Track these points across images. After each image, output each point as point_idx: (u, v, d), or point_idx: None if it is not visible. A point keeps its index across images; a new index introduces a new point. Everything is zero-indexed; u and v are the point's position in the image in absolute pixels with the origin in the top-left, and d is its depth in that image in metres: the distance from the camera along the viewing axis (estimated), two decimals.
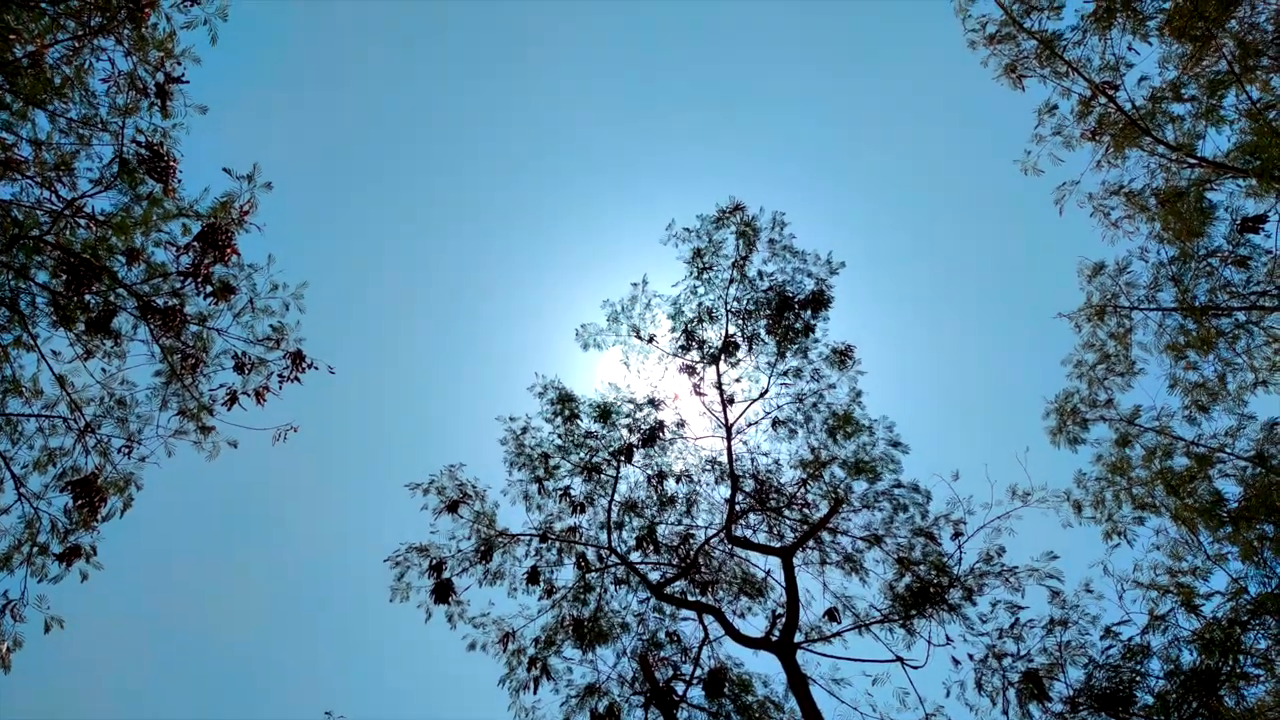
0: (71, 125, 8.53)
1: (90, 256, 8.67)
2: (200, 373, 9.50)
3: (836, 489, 10.00)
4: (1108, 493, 9.86)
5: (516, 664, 9.89)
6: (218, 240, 8.93)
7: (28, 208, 8.54)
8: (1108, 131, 9.99)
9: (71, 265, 8.63)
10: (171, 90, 8.70)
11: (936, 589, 9.24)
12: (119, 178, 8.55)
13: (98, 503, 9.18)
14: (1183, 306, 9.88)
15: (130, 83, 8.58)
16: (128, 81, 8.56)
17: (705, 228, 10.46)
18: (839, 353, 10.41)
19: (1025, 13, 9.62)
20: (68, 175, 8.58)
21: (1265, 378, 9.57)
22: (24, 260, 8.62)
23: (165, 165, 8.60)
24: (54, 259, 8.72)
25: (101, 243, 8.85)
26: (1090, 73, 9.75)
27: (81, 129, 8.57)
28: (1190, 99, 9.80)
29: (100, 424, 9.39)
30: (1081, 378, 10.30)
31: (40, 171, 8.45)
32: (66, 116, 8.49)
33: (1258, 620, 8.57)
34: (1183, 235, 9.83)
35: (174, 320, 9.18)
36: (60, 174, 8.55)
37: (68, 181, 8.58)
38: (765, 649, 9.16)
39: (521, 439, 10.53)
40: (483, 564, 10.22)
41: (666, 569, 10.23)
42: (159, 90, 8.64)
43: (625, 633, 9.97)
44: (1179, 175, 9.89)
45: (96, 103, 8.56)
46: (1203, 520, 9.18)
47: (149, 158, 8.55)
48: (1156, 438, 9.75)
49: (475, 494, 10.28)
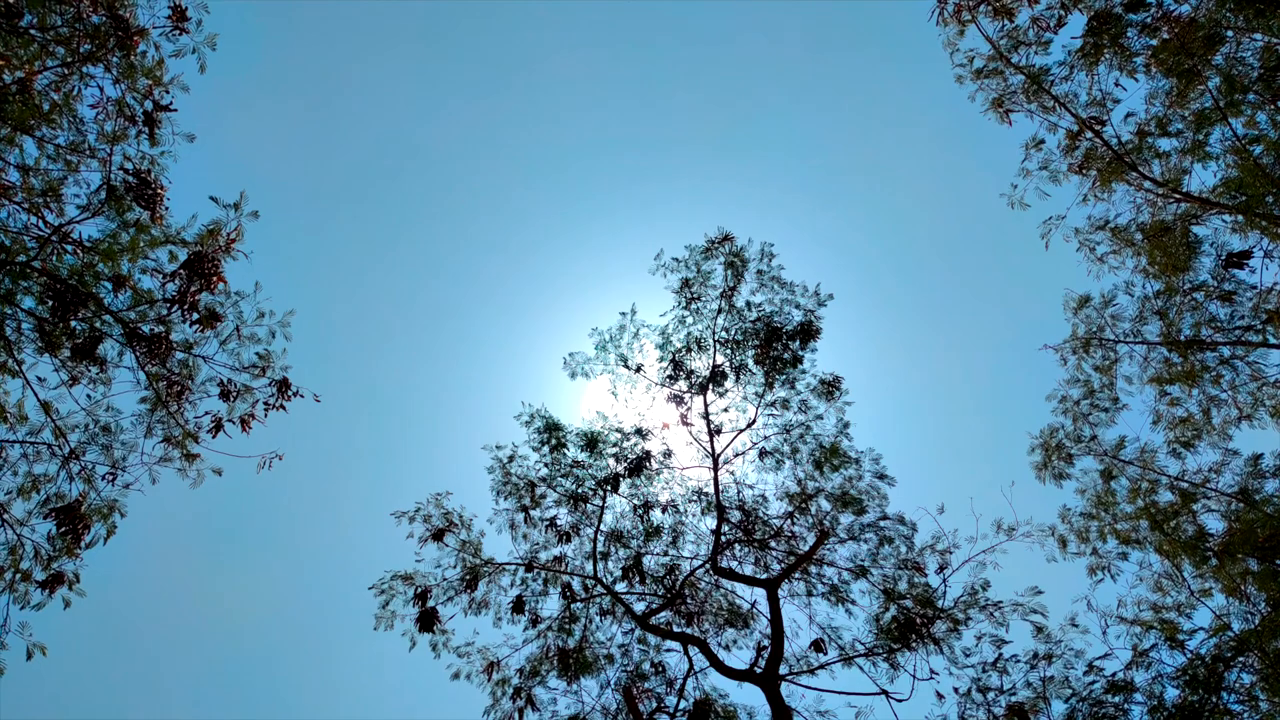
0: (59, 151, 8.54)
1: (77, 283, 8.66)
2: (185, 400, 9.49)
3: (822, 521, 10.00)
4: (1092, 527, 9.88)
5: (501, 694, 9.85)
6: (204, 268, 8.93)
7: (15, 233, 8.53)
8: (1094, 166, 10.05)
9: (58, 291, 8.63)
10: (159, 118, 8.72)
11: (922, 622, 9.25)
12: (106, 204, 8.56)
13: (81, 530, 9.15)
14: (1168, 340, 9.92)
15: (119, 110, 8.60)
16: (116, 109, 8.58)
17: (694, 258, 10.49)
18: (827, 384, 10.42)
19: (1013, 48, 9.69)
20: (55, 201, 8.59)
21: (1249, 413, 9.61)
22: (10, 286, 8.61)
23: (153, 192, 8.61)
24: (40, 284, 8.71)
25: (88, 269, 8.85)
26: (1077, 108, 9.82)
27: (69, 155, 8.58)
28: (1176, 134, 9.87)
29: (85, 450, 9.37)
30: (1066, 413, 10.34)
31: (28, 197, 8.45)
32: (54, 143, 8.50)
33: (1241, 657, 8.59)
34: (1168, 270, 9.88)
35: (160, 347, 9.17)
36: (48, 200, 8.55)
37: (55, 207, 8.58)
38: (750, 681, 9.14)
39: (508, 467, 10.52)
40: (468, 593, 10.19)
41: (652, 600, 10.21)
42: (147, 118, 8.66)
43: (610, 664, 9.95)
44: (1165, 210, 9.95)
45: (84, 129, 8.57)
46: (1186, 555, 9.20)
47: (136, 185, 8.56)
48: (1141, 472, 9.78)
49: (461, 522, 10.26)
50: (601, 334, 10.80)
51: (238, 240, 9.03)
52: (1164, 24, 9.70)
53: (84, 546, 9.12)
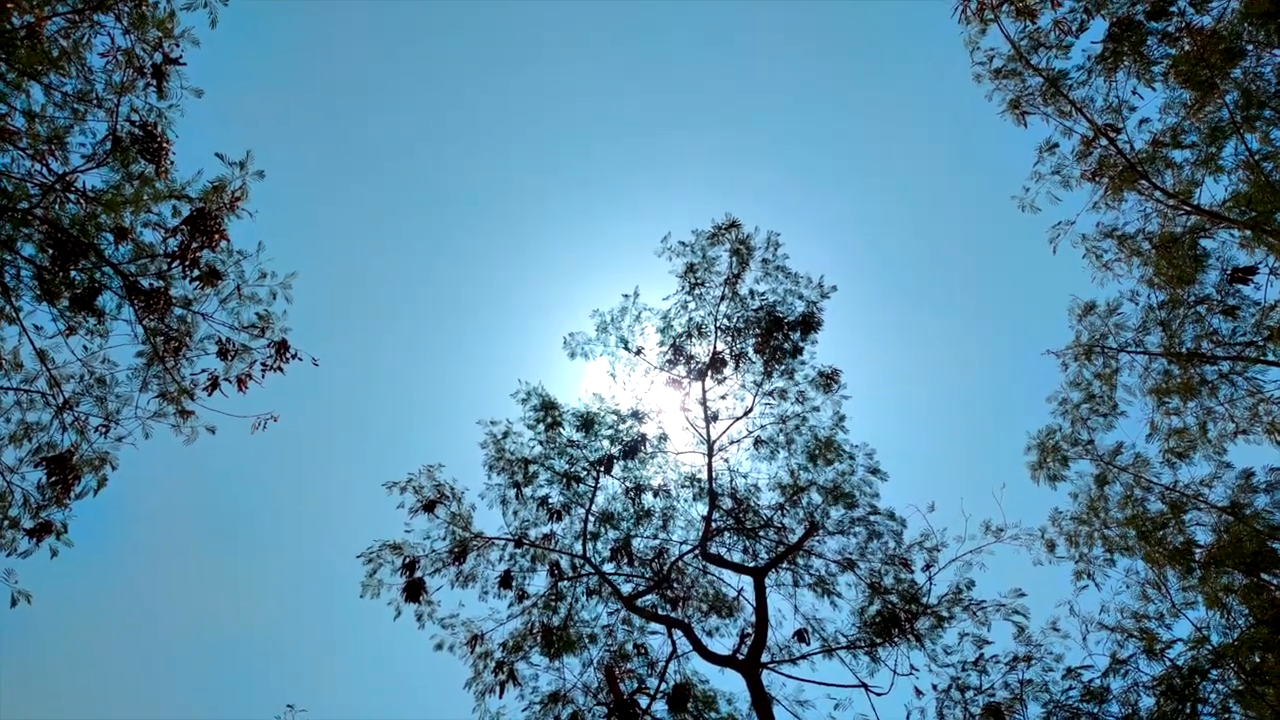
0: (66, 99, 8.45)
1: (78, 232, 8.60)
2: (183, 356, 9.45)
3: (813, 514, 10.01)
4: (1081, 532, 9.92)
5: (483, 667, 9.88)
6: (207, 225, 8.87)
7: (18, 179, 8.46)
8: (1107, 174, 10.01)
9: (59, 240, 8.57)
10: (168, 71, 8.61)
11: (906, 617, 9.28)
12: (111, 155, 8.48)
13: (71, 480, 9.14)
14: (1169, 352, 9.93)
15: (128, 60, 8.50)
16: (125, 59, 8.48)
17: (700, 243, 10.44)
18: (825, 376, 10.40)
19: (1033, 49, 9.62)
20: (60, 149, 8.50)
21: (1245, 428, 9.63)
22: (11, 232, 8.54)
23: (158, 145, 8.53)
24: (41, 232, 8.65)
25: (90, 219, 8.79)
26: (1093, 113, 9.76)
27: (76, 104, 8.49)
28: (1190, 146, 9.83)
29: (79, 401, 9.33)
30: (1065, 415, 10.35)
31: (33, 144, 8.37)
32: (62, 90, 8.40)
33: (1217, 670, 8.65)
34: (1174, 281, 9.87)
35: (159, 302, 9.12)
36: (52, 147, 8.47)
37: (60, 156, 8.50)
38: (732, 667, 9.17)
39: (502, 443, 10.50)
40: (456, 565, 10.19)
41: (639, 582, 10.23)
42: (156, 70, 8.56)
43: (593, 643, 9.98)
44: (1174, 221, 9.92)
45: (93, 78, 8.47)
46: (1173, 565, 9.25)
47: (142, 137, 8.48)
48: (1134, 480, 9.81)
49: (453, 495, 10.25)
50: (603, 315, 10.77)
51: (242, 199, 8.97)
52: (1185, 35, 9.64)
53: (74, 497, 9.10)
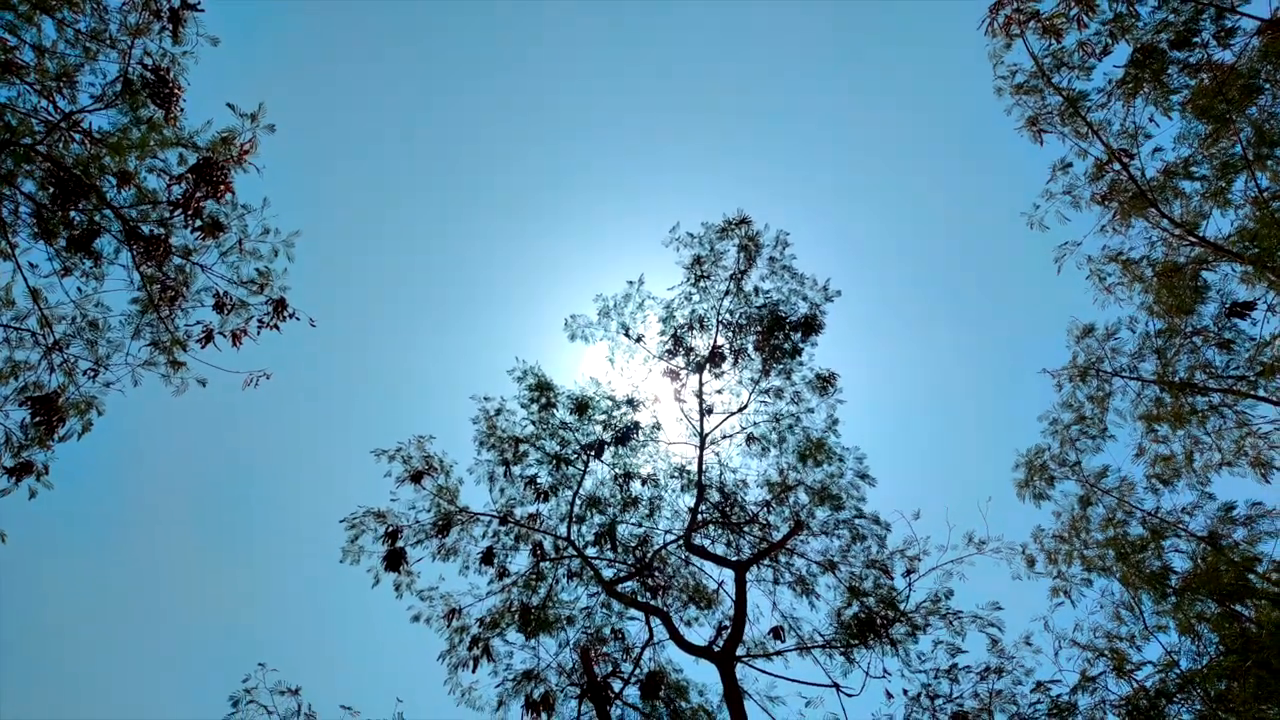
0: (79, 37, 8.29)
1: (81, 173, 8.47)
2: (178, 306, 9.34)
3: (799, 513, 10.06)
4: (1062, 550, 10.03)
5: (459, 641, 9.88)
6: (213, 175, 8.76)
7: (23, 114, 8.31)
8: (1117, 198, 10.06)
9: (60, 179, 8.44)
10: (185, 16, 8.47)
11: (882, 622, 9.35)
12: (121, 97, 8.34)
13: (56, 422, 9.03)
14: (1162, 380, 10.02)
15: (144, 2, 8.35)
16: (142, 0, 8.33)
17: (709, 235, 10.41)
18: (822, 379, 10.43)
19: (1055, 67, 9.64)
20: (68, 87, 8.35)
21: (1230, 460, 9.74)
22: (12, 167, 8.40)
23: (169, 91, 8.40)
24: (43, 170, 8.51)
25: (94, 161, 8.66)
26: (1109, 136, 9.81)
27: (89, 42, 8.34)
28: (1201, 178, 9.89)
29: (69, 343, 9.21)
30: (1055, 435, 10.44)
31: (40, 79, 8.22)
32: (75, 27, 8.25)
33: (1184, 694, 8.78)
34: (1173, 310, 9.95)
35: (158, 249, 9.00)
36: (61, 85, 8.32)
37: (67, 94, 8.35)
38: (707, 658, 9.21)
39: (494, 420, 10.47)
40: (439, 538, 10.17)
41: (621, 568, 10.25)
42: (172, 14, 8.42)
43: (571, 625, 10.00)
44: (1178, 251, 10.00)
45: (107, 17, 8.32)
46: (1148, 589, 9.37)
47: (154, 81, 8.34)
48: (1117, 503, 9.91)
49: (441, 468, 10.22)
50: (606, 300, 10.74)
51: (251, 152, 8.86)
52: (1206, 68, 9.68)
53: (57, 439, 9.00)
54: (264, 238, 9.16)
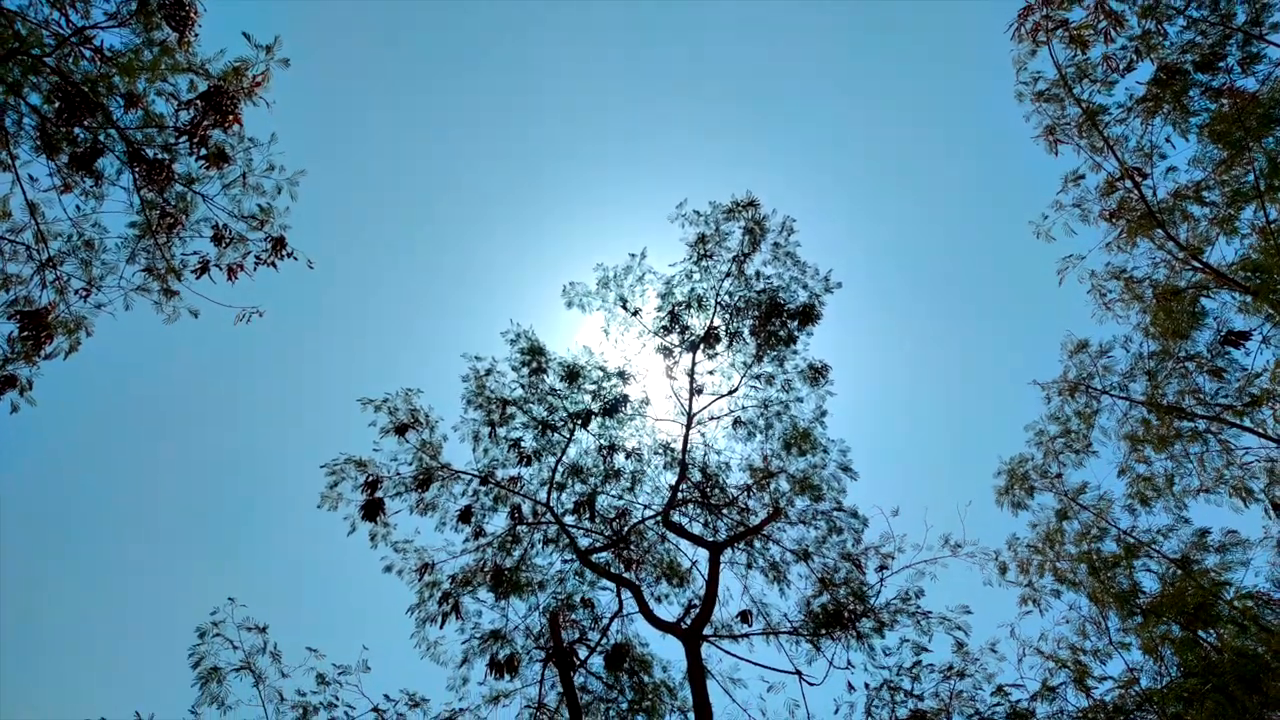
0: None
1: (89, 90, 8.36)
2: (176, 234, 9.26)
3: (778, 500, 10.08)
4: (1035, 561, 10.09)
5: (429, 596, 9.90)
6: (222, 104, 8.67)
7: (34, 24, 8.19)
8: (1125, 216, 10.05)
9: (67, 94, 8.33)
10: None
11: (850, 615, 9.40)
12: (135, 16, 8.23)
13: (44, 338, 8.97)
14: (1150, 402, 10.05)
15: None
16: None
17: (715, 215, 10.36)
18: (815, 369, 10.43)
19: (1078, 78, 9.59)
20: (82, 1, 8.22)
21: (1210, 486, 9.80)
22: (19, 77, 8.29)
23: (185, 14, 8.29)
24: (50, 83, 8.40)
25: (103, 79, 8.55)
26: (1124, 153, 9.78)
27: None
28: (1210, 203, 9.88)
29: (63, 261, 9.13)
30: (1039, 447, 10.48)
31: None
32: None
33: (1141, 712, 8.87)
34: (1168, 333, 9.97)
35: (161, 174, 8.92)
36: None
37: (81, 8, 8.22)
38: (674, 634, 9.25)
39: (484, 380, 10.43)
40: (418, 492, 10.16)
41: (597, 538, 10.27)
42: None
43: (542, 590, 10.03)
44: (1180, 274, 10.00)
45: None
46: (1116, 606, 9.43)
47: (170, 3, 8.22)
48: (1093, 519, 9.96)
49: (426, 422, 10.19)
50: (606, 270, 10.70)
51: (263, 85, 8.77)
52: (1228, 94, 9.65)
53: (43, 356, 8.94)
54: (269, 174, 9.09)
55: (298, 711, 8.33)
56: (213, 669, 8.34)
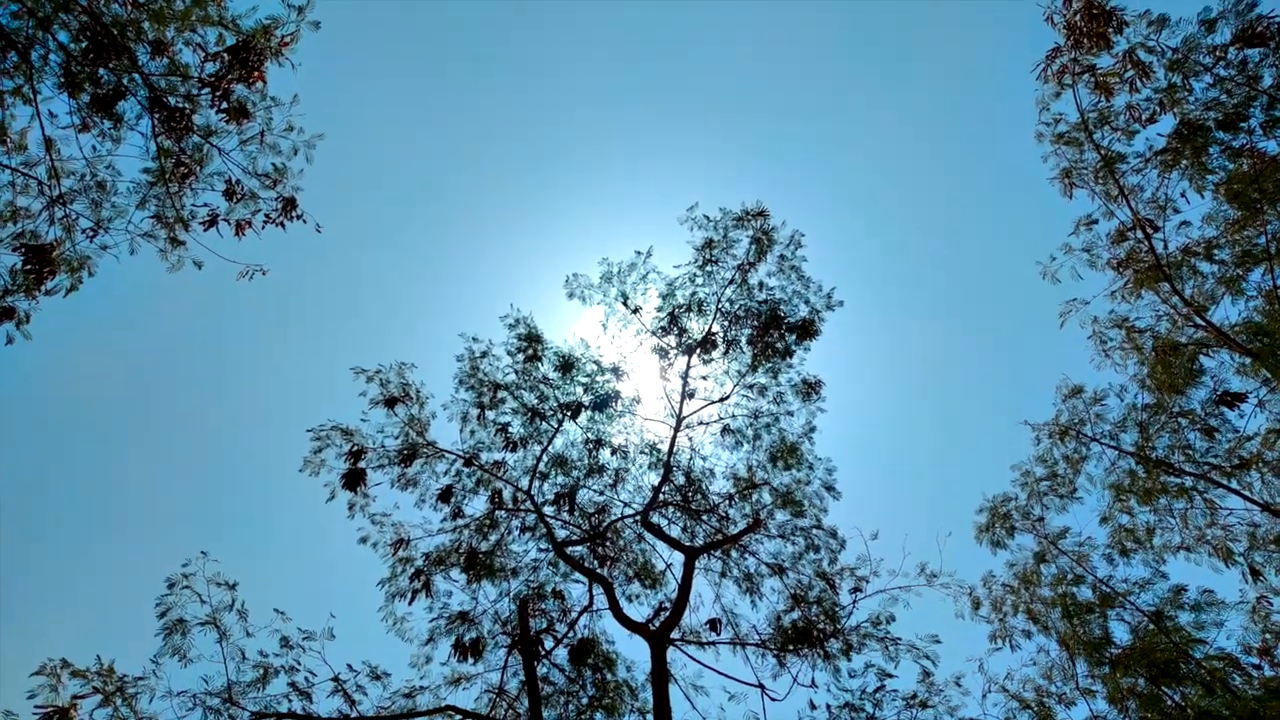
0: None
1: (117, 33, 8.40)
2: (188, 185, 9.30)
3: (759, 512, 10.07)
4: (1008, 600, 10.05)
5: (401, 571, 9.89)
6: (249, 60, 8.71)
7: None
8: (1133, 266, 10.05)
9: (95, 34, 8.37)
10: None
11: (819, 633, 9.37)
12: None
13: (46, 273, 8.99)
14: (1140, 454, 10.03)
15: None
16: None
17: (725, 221, 10.38)
18: (808, 384, 10.43)
19: (1099, 123, 9.61)
20: None
21: (1190, 545, 9.76)
22: (49, 12, 8.33)
23: None
24: (80, 23, 8.44)
25: (133, 24, 8.59)
26: (1139, 203, 9.79)
27: None
28: (1219, 262, 9.89)
29: (73, 199, 9.16)
30: (1024, 487, 10.46)
31: None
32: None
33: None
34: (1164, 387, 9.96)
35: (180, 123, 8.96)
36: None
37: None
38: (642, 634, 9.22)
39: (478, 362, 10.44)
40: (402, 467, 10.16)
41: (575, 531, 10.26)
42: None
43: (514, 576, 10.01)
44: (1182, 329, 10.00)
45: None
46: (1086, 653, 9.40)
47: None
48: (1071, 565, 9.94)
49: (416, 397, 10.19)
50: (610, 266, 10.72)
51: (291, 45, 8.81)
52: (1248, 154, 9.67)
53: (44, 291, 8.96)
54: (287, 133, 9.14)
55: (258, 672, 8.30)
56: (178, 621, 8.32)
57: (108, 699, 7.45)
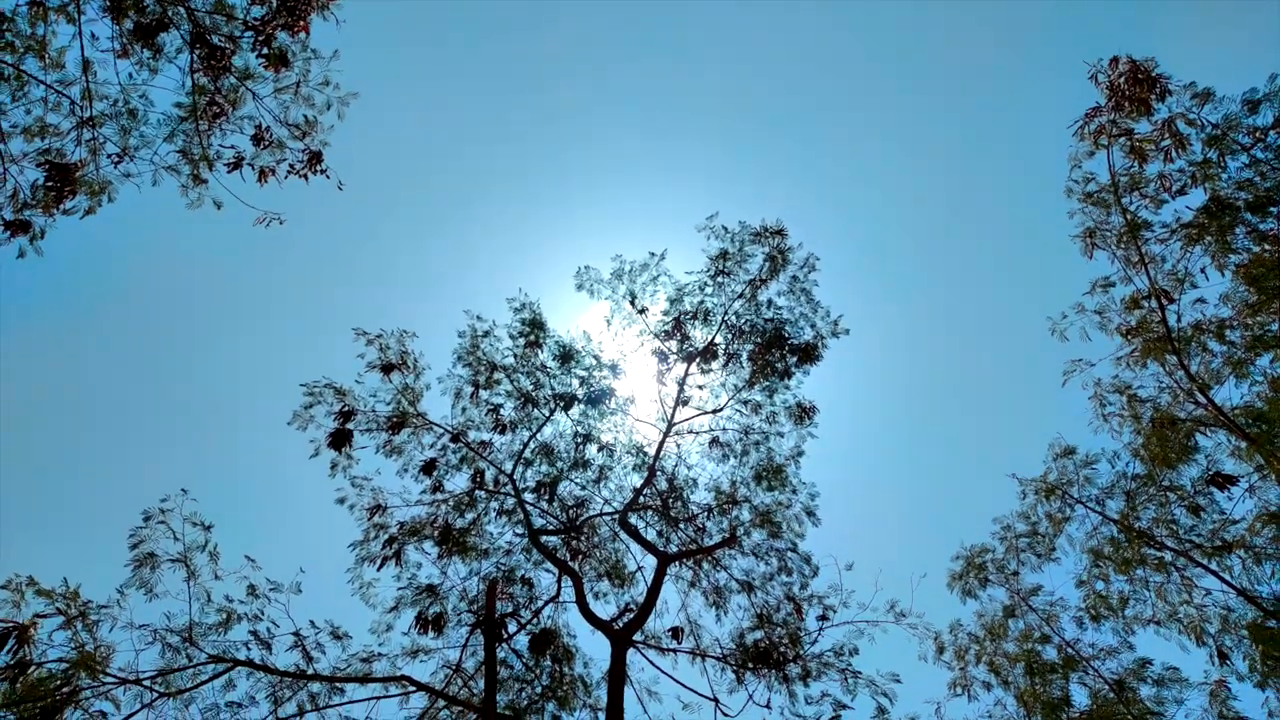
0: None
1: None
2: (218, 125, 9.33)
3: (736, 527, 10.07)
4: (972, 650, 10.03)
5: (374, 537, 9.91)
6: (296, 7, 8.75)
7: None
8: (1143, 335, 10.02)
9: None
10: None
11: (780, 656, 9.36)
12: None
13: (67, 192, 9.04)
14: (1123, 522, 10.00)
15: None
16: None
17: (742, 234, 10.38)
18: (802, 409, 10.42)
19: (1130, 188, 9.58)
20: None
21: (1162, 620, 9.73)
22: None
23: None
24: None
25: None
26: (1158, 272, 9.76)
27: None
28: (1229, 343, 9.85)
29: (103, 123, 9.19)
30: (1003, 540, 10.44)
31: None
32: None
33: None
34: (1157, 460, 9.92)
35: (219, 62, 9.00)
36: None
37: None
38: (605, 632, 9.21)
39: (479, 340, 10.46)
40: (389, 434, 10.18)
41: (552, 521, 10.26)
42: None
43: (486, 557, 10.02)
44: (1182, 404, 9.96)
45: None
46: (1043, 713, 9.37)
47: None
48: (1040, 623, 9.92)
49: (413, 367, 10.21)
50: (623, 263, 10.73)
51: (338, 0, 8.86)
52: (1272, 240, 9.62)
53: (61, 210, 9.00)
54: (322, 87, 9.18)
55: (221, 616, 8.32)
56: (149, 554, 8.33)
57: (69, 622, 7.47)
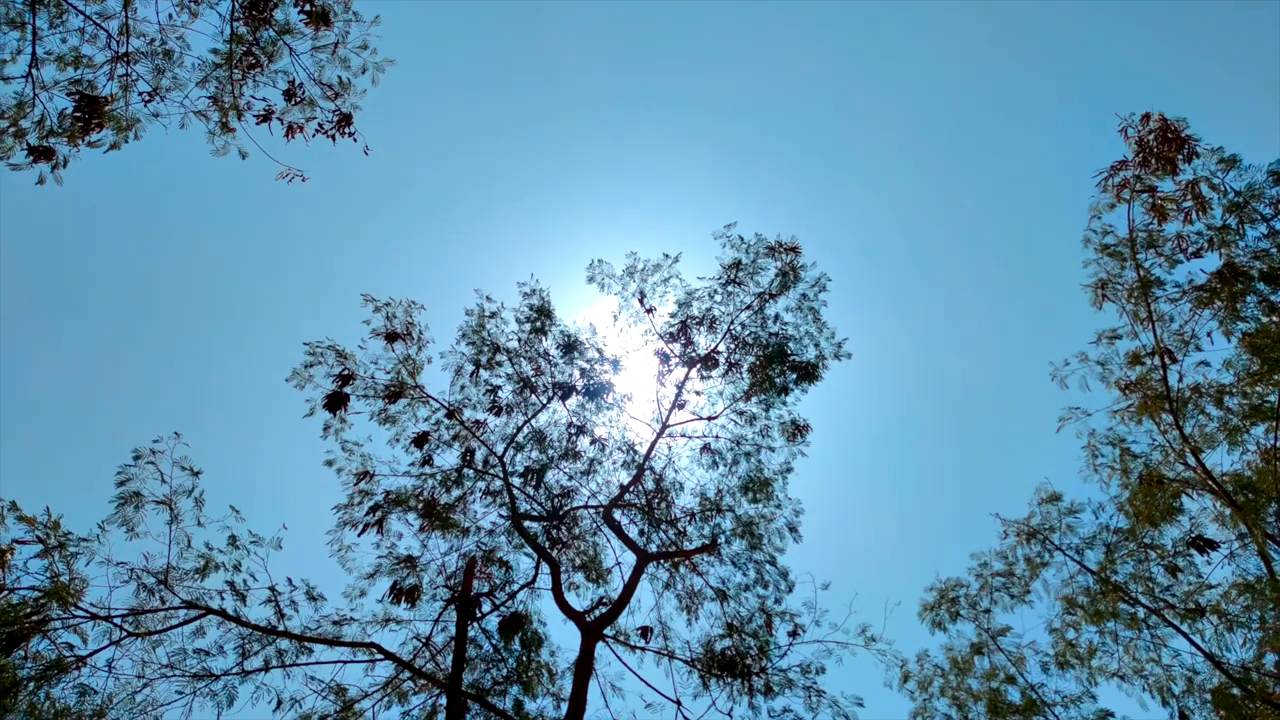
0: None
1: None
2: (253, 76, 9.35)
3: (718, 535, 10.12)
4: (937, 682, 10.10)
5: (358, 503, 9.95)
6: None
7: None
8: (1142, 391, 10.07)
9: None
10: None
11: (746, 668, 9.42)
12: None
13: (94, 124, 9.04)
14: (1100, 574, 10.06)
15: None
16: None
17: (757, 247, 10.43)
18: (796, 426, 10.48)
19: (1147, 244, 9.63)
20: None
21: (1126, 674, 9.80)
22: None
23: None
24: None
25: None
26: (1164, 331, 9.81)
27: None
28: (1227, 409, 9.91)
29: (138, 60, 9.19)
30: (978, 578, 10.50)
31: None
32: None
33: None
34: (1141, 517, 9.98)
35: (261, 13, 9.02)
36: None
37: None
38: (577, 622, 9.27)
39: (485, 320, 10.49)
40: (385, 403, 10.21)
41: (536, 507, 10.31)
42: None
43: (467, 536, 10.07)
44: (1172, 465, 10.02)
45: None
46: None
47: None
48: (1006, 663, 9.98)
49: (418, 339, 10.25)
50: (636, 260, 10.77)
51: None
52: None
53: (86, 142, 9.01)
54: (360, 50, 9.20)
55: (200, 563, 8.34)
56: (135, 493, 8.34)
57: (47, 551, 7.50)
